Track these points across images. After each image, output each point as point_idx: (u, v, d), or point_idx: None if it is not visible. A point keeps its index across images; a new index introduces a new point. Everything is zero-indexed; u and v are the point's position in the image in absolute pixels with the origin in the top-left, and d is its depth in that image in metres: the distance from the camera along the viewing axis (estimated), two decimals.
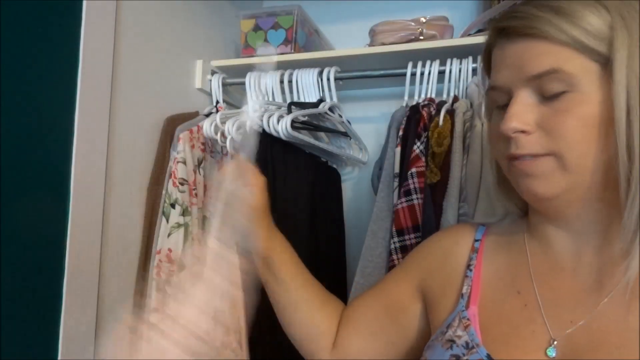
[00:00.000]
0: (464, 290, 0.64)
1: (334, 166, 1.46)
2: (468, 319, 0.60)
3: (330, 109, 1.27)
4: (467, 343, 0.58)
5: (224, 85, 1.35)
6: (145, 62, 1.13)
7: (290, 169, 1.17)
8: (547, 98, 0.54)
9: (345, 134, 1.39)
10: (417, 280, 0.71)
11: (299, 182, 1.18)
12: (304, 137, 1.18)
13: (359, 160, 1.48)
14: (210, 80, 1.35)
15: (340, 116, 1.33)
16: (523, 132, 0.54)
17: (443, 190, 0.98)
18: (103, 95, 0.99)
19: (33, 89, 0.88)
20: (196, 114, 1.25)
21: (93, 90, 0.97)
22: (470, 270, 0.65)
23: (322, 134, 1.36)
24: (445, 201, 0.97)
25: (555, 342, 0.55)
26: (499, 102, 0.58)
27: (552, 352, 0.55)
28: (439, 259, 0.70)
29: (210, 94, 1.35)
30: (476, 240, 0.68)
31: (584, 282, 0.58)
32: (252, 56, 1.36)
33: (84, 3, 0.96)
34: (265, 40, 1.35)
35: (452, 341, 0.59)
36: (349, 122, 1.37)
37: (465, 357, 0.57)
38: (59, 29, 0.93)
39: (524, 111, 0.54)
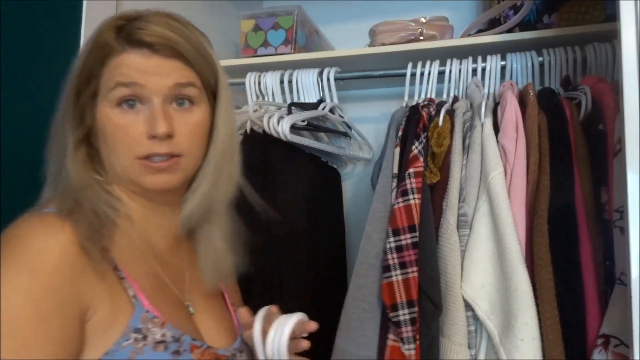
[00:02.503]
0: (132, 293, 0.63)
1: (334, 166, 1.46)
2: (158, 317, 0.64)
3: (330, 109, 1.27)
4: (174, 337, 0.64)
5: None
6: None
7: (290, 169, 1.17)
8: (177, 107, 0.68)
9: (345, 134, 1.39)
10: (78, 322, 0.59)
11: (299, 183, 1.18)
12: (304, 139, 1.18)
13: (363, 158, 1.48)
14: None
15: (341, 116, 1.33)
16: (169, 135, 0.66)
17: (443, 191, 0.98)
18: None
19: (33, 89, 0.88)
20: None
21: None
22: (120, 270, 0.64)
23: (322, 134, 1.36)
24: (444, 201, 0.96)
25: (188, 303, 0.73)
26: (123, 97, 0.65)
27: (192, 310, 0.73)
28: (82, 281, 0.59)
29: None
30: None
31: (169, 245, 0.75)
32: (252, 56, 1.36)
33: (84, 3, 0.96)
34: (265, 40, 1.35)
35: (162, 342, 0.63)
36: (348, 123, 1.37)
37: (182, 349, 0.65)
38: (59, 30, 0.93)
39: (170, 116, 0.66)
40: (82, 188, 0.66)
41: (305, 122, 1.19)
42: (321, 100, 1.26)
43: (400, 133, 1.05)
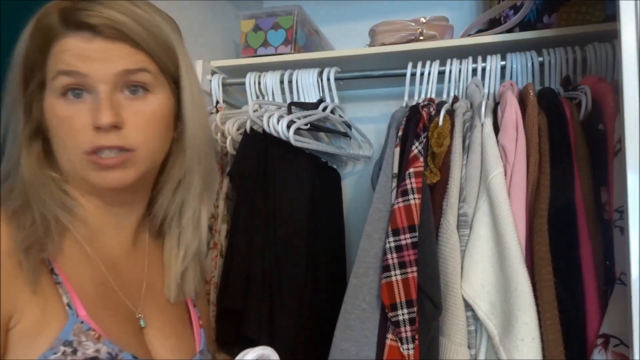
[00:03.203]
0: (66, 300, 0.57)
1: (334, 166, 1.46)
2: (94, 330, 0.57)
3: (331, 110, 1.27)
4: (110, 354, 0.57)
5: (224, 85, 1.35)
6: None
7: (290, 169, 1.17)
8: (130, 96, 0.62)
9: (345, 135, 1.39)
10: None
11: (299, 182, 1.18)
12: (304, 139, 1.18)
13: (364, 156, 1.47)
14: (210, 81, 1.35)
15: (341, 117, 1.33)
16: (116, 126, 0.59)
17: (443, 191, 0.98)
18: None
19: None
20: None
21: None
22: (57, 274, 0.59)
23: (322, 134, 1.36)
24: (444, 201, 0.96)
25: (140, 315, 0.66)
26: (67, 86, 0.59)
27: (143, 323, 0.66)
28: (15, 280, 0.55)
29: (210, 94, 1.35)
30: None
31: (127, 249, 0.69)
32: (252, 56, 1.36)
33: None
34: (265, 40, 1.35)
35: (95, 358, 0.56)
36: (349, 123, 1.37)
37: None
38: None
39: (118, 105, 0.60)
40: (35, 187, 0.60)
41: (308, 126, 1.19)
42: (321, 100, 1.26)
43: (400, 133, 1.05)
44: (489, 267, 0.91)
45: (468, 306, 0.91)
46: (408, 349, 0.90)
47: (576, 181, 0.90)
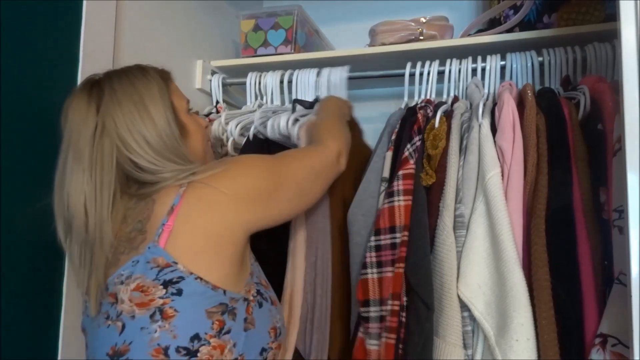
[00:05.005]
0: None
1: None
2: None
3: None
4: None
5: (224, 85, 1.35)
6: (145, 63, 1.13)
7: None
8: None
9: None
10: None
11: None
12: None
13: None
14: (210, 81, 1.35)
15: None
16: None
17: (439, 192, 0.97)
18: None
19: (33, 89, 0.88)
20: (196, 114, 1.25)
21: None
22: None
23: None
24: (441, 202, 0.96)
25: None
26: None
27: None
28: None
29: (210, 94, 1.36)
30: None
31: None
32: (252, 56, 1.36)
33: (84, 3, 0.97)
34: (265, 40, 1.35)
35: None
36: None
37: None
38: (59, 29, 0.93)
39: None
40: None
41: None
42: (317, 100, 1.26)
43: (394, 137, 1.05)
44: (485, 267, 0.90)
45: (465, 306, 0.90)
46: (372, 345, 0.92)
47: (574, 181, 0.90)
